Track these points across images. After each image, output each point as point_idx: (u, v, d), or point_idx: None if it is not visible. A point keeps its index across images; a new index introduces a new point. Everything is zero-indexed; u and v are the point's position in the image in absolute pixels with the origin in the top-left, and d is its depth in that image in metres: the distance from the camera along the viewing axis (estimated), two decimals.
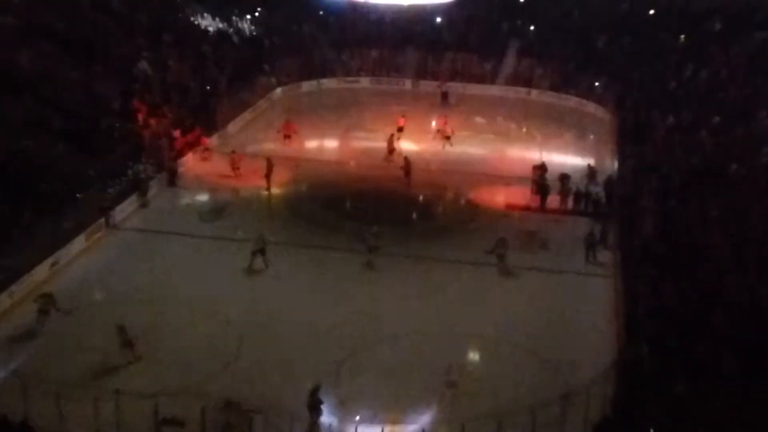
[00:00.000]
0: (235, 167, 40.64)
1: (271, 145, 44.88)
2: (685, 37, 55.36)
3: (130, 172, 37.77)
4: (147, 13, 53.61)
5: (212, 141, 44.56)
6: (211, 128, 45.33)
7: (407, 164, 40.54)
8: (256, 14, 60.63)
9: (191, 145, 42.77)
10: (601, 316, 28.50)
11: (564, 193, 38.66)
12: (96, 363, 24.88)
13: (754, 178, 34.26)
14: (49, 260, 30.65)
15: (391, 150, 43.49)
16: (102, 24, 49.12)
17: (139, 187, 37.36)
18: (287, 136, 44.86)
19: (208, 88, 49.27)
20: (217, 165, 41.80)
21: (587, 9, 60.69)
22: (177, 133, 42.52)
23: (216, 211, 37.41)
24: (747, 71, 47.11)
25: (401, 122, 46.83)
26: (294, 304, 28.66)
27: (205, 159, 42.03)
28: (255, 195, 39.17)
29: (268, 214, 37.89)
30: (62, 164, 35.69)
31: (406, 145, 45.07)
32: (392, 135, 44.53)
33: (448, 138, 45.64)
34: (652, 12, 58.62)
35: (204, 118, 45.52)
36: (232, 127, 47.59)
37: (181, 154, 41.70)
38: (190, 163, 41.76)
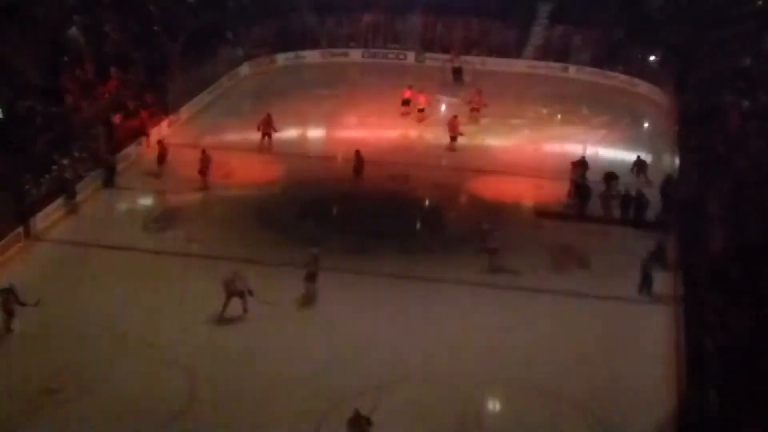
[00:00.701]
0: (203, 169, 40.13)
1: (235, 136, 44.98)
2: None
3: (55, 167, 37.57)
4: None
5: (161, 129, 44.51)
6: (160, 112, 45.43)
7: (358, 159, 40.71)
8: None
9: (135, 134, 42.73)
10: (657, 355, 28.33)
11: (609, 196, 38.59)
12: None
13: None
14: None
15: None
16: None
17: (66, 187, 37.23)
18: (266, 135, 44.30)
19: (156, 61, 49.25)
20: (170, 159, 41.74)
21: None
22: (116, 119, 42.54)
23: (165, 219, 37.32)
24: None
25: (407, 94, 47.20)
26: (262, 339, 28.43)
27: (161, 155, 41.36)
28: (214, 198, 39.19)
29: (230, 223, 37.56)
30: None
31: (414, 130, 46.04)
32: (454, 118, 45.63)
33: (477, 110, 46.60)
34: None
35: (151, 99, 45.56)
36: (187, 112, 47.78)
37: (121, 145, 41.62)
38: (133, 156, 41.73)
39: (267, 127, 43.90)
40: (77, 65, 45.40)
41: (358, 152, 41.06)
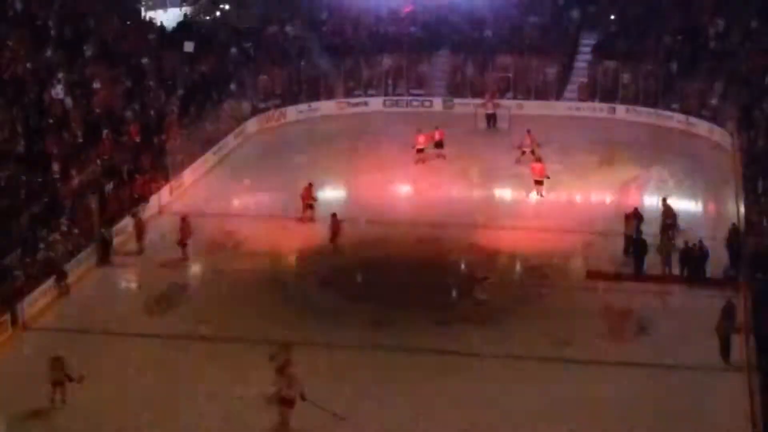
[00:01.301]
0: (183, 240, 40.50)
1: (245, 201, 45.42)
2: None
3: (42, 245, 37.86)
4: (58, 14, 54.06)
5: (162, 196, 44.93)
6: (159, 178, 45.69)
7: (334, 224, 40.90)
8: (218, 12, 61.37)
9: (132, 204, 42.98)
10: (730, 428, 28.18)
11: (667, 251, 38.71)
12: None
13: None
14: None
15: None
16: None
17: (55, 267, 37.44)
18: (308, 206, 44.11)
19: (152, 119, 49.65)
20: (168, 230, 42.08)
21: None
22: (110, 187, 42.86)
23: (168, 299, 37.39)
24: None
25: (420, 140, 47.88)
26: None
27: (139, 238, 41.61)
28: (224, 273, 39.26)
29: (242, 300, 37.64)
30: None
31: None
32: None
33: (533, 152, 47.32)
34: None
35: (149, 163, 45.82)
36: (190, 176, 48.13)
37: (117, 217, 41.87)
38: (130, 229, 41.90)
39: (308, 197, 43.89)
40: (63, 128, 45.68)
41: (333, 216, 41.14)
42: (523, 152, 49.51)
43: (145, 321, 35.66)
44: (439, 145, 49.65)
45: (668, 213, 41.33)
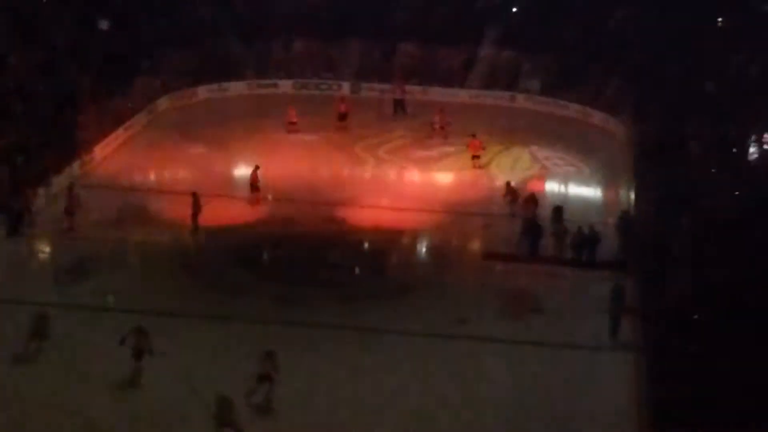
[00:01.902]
0: (69, 210, 40.30)
1: (155, 176, 45.35)
2: (726, 19, 56.31)
3: None
4: None
5: (74, 169, 44.65)
6: (70, 152, 45.36)
7: (196, 201, 40.39)
8: None
9: (42, 177, 42.61)
10: (618, 406, 28.67)
11: (561, 234, 39.32)
12: None
13: None
14: None
15: None
16: None
17: None
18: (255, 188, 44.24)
19: (64, 94, 49.19)
20: (82, 207, 41.82)
21: None
22: (20, 160, 42.55)
23: (79, 270, 37.18)
24: None
25: (343, 108, 48.36)
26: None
27: (70, 208, 40.62)
28: (134, 245, 39.29)
29: (150, 272, 37.65)
30: None
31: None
32: None
33: (442, 128, 48.44)
34: None
35: (60, 137, 45.49)
36: (101, 151, 47.77)
37: (28, 189, 41.35)
38: (41, 201, 41.54)
39: (255, 179, 43.73)
40: None
41: (194, 194, 40.47)
42: (434, 128, 50.52)
43: (53, 291, 35.37)
44: (342, 117, 49.92)
45: (513, 195, 42.38)
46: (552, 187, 45.50)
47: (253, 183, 43.30)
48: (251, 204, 43.27)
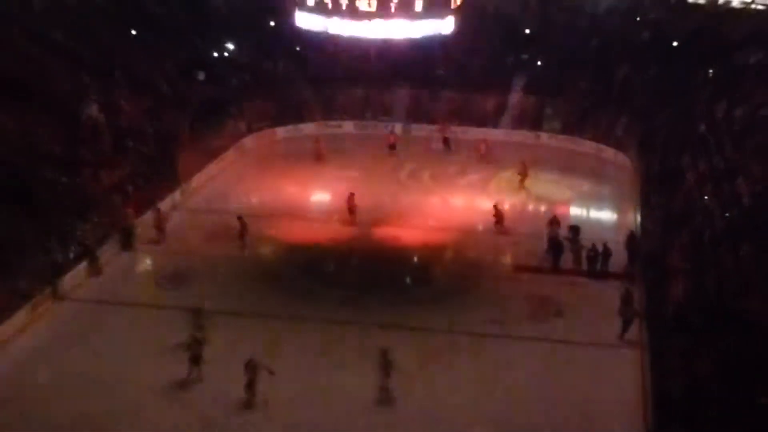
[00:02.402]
0: (159, 225, 41.00)
1: (242, 202, 45.83)
2: (714, 71, 56.11)
3: (79, 233, 37.99)
4: (94, 46, 53.97)
5: (175, 197, 44.99)
6: (172, 182, 45.72)
7: (242, 225, 40.30)
8: (224, 49, 61.35)
9: (149, 203, 42.88)
10: (626, 396, 28.77)
11: (578, 249, 39.16)
12: None
13: None
14: None
15: None
16: (40, 60, 49.46)
17: (89, 251, 37.60)
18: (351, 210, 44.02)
19: (167, 134, 49.51)
20: (179, 224, 42.20)
21: (603, 39, 61.70)
22: (131, 189, 42.97)
23: (177, 278, 37.53)
24: None
25: (392, 139, 47.25)
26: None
27: (159, 230, 41.31)
28: (224, 258, 39.34)
29: (237, 280, 37.85)
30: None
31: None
32: None
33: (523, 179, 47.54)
34: (675, 43, 59.61)
35: (164, 170, 45.92)
36: (197, 181, 48.03)
37: (137, 212, 41.73)
38: (148, 222, 41.81)
39: (352, 204, 43.58)
40: (95, 138, 45.76)
41: (240, 219, 40.34)
42: (480, 153, 51.31)
43: (157, 294, 36.13)
44: (392, 147, 49.34)
45: (498, 215, 42.53)
46: (572, 209, 45.11)
47: (351, 207, 43.09)
48: (347, 225, 43.03)
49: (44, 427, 26.71)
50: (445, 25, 37.36)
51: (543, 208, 45.15)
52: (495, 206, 42.96)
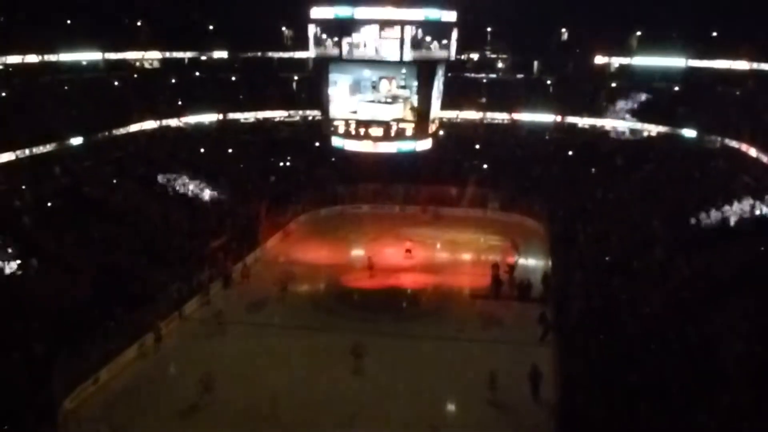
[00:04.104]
0: (245, 273, 40.89)
1: (300, 256, 45.50)
2: (595, 170, 56.42)
3: (195, 278, 38.14)
4: (205, 159, 54.68)
5: (257, 252, 44.97)
6: (255, 244, 45.54)
7: (284, 280, 39.51)
8: (287, 160, 61.92)
9: (240, 257, 42.79)
10: (545, 375, 28.47)
11: (511, 282, 39.05)
12: None
13: (649, 270, 34.85)
14: (138, 343, 31.14)
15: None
16: (173, 169, 50.35)
17: (202, 289, 37.71)
18: (371, 268, 42.35)
19: (251, 214, 49.33)
20: (259, 271, 42.26)
21: (524, 150, 62.12)
22: (231, 248, 43.08)
23: (259, 305, 37.46)
24: (642, 193, 48.19)
25: (408, 245, 46.87)
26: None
27: (245, 276, 41.01)
28: (287, 292, 39.11)
29: (295, 306, 37.68)
30: (144, 273, 36.22)
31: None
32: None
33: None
34: (570, 153, 60.10)
35: (249, 238, 45.74)
36: (270, 243, 47.78)
37: (233, 263, 41.76)
38: (239, 270, 41.73)
39: (371, 261, 42.77)
40: (206, 218, 46.34)
41: (282, 284, 39.15)
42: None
43: (249, 316, 36.05)
44: (408, 251, 47.13)
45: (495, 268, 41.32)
46: (507, 257, 44.87)
47: (370, 266, 42.35)
48: (365, 275, 42.04)
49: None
50: (426, 144, 37.66)
51: (490, 257, 44.84)
52: (496, 265, 40.95)
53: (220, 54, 71.85)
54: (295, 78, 72.76)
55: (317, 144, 60.52)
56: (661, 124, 59.46)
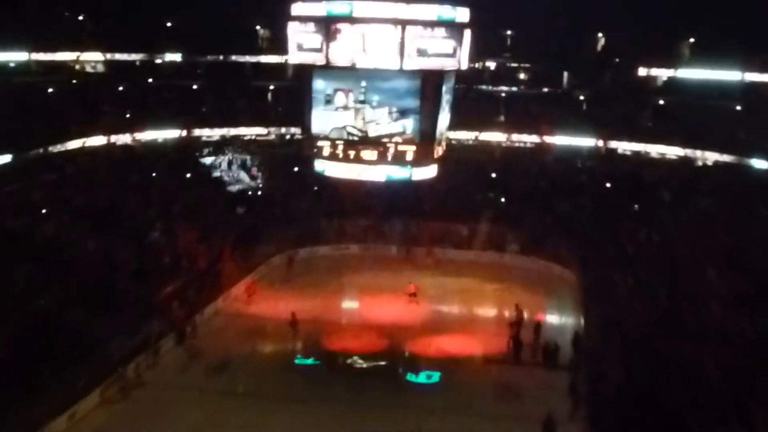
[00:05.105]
0: (250, 293, 43.37)
1: (268, 307, 45.35)
2: (638, 206, 56.70)
3: (143, 330, 37.96)
4: (159, 187, 54.89)
5: (218, 303, 44.89)
6: (216, 292, 45.50)
7: (294, 318, 40.75)
8: (259, 187, 62.07)
9: (196, 310, 42.76)
10: None
11: (537, 346, 38.91)
12: None
13: (704, 331, 34.84)
14: (67, 413, 30.74)
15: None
16: (119, 197, 50.38)
17: (150, 345, 37.48)
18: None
19: (214, 254, 49.43)
20: (220, 326, 42.07)
21: (550, 180, 62.47)
22: (187, 295, 43.06)
23: (220, 368, 37.24)
24: (695, 235, 48.32)
25: (412, 288, 47.12)
26: None
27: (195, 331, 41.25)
28: (253, 352, 39.19)
29: (263, 369, 37.62)
30: (78, 323, 36.05)
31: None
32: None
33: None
34: (608, 184, 60.45)
35: (210, 283, 45.68)
36: (235, 291, 47.70)
37: (190, 315, 41.68)
38: (198, 322, 41.66)
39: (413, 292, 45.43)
40: (158, 257, 46.21)
41: (293, 314, 40.88)
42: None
43: (201, 382, 35.83)
44: (413, 295, 47.45)
45: (519, 314, 42.10)
46: (530, 314, 44.76)
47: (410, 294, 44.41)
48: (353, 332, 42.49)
49: None
50: (429, 171, 37.75)
51: (507, 314, 44.74)
52: (516, 322, 41.67)
53: (180, 57, 71.98)
54: (271, 87, 73.41)
55: (296, 168, 60.93)
56: (720, 151, 59.89)
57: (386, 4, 33.36)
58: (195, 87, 71.14)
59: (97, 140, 59.32)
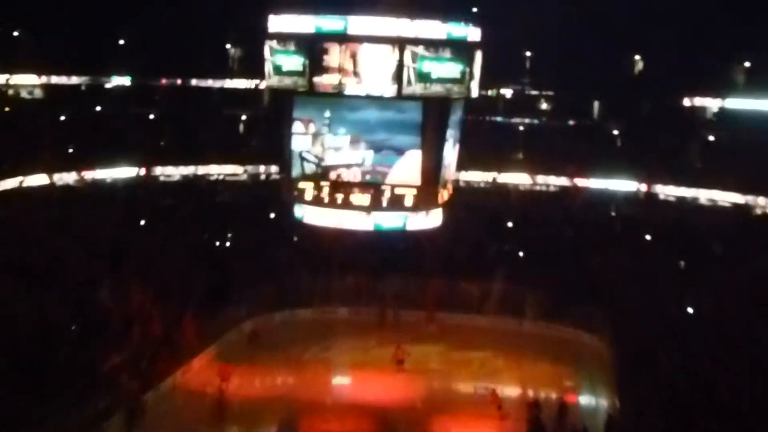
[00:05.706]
0: (224, 377, 43.34)
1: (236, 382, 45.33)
2: (684, 262, 56.81)
3: (85, 409, 37.63)
4: (106, 235, 54.75)
5: (177, 377, 44.78)
6: (175, 364, 45.43)
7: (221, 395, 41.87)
8: (227, 238, 62.04)
9: (151, 381, 42.69)
10: None
11: (562, 430, 38.79)
12: None
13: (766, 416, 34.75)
14: None
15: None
16: (59, 248, 50.23)
17: (94, 426, 37.19)
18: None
19: (173, 318, 49.32)
20: (178, 404, 41.94)
21: (578, 231, 62.59)
22: (139, 366, 42.89)
23: None
24: (754, 299, 48.37)
25: (400, 355, 47.11)
26: None
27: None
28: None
29: None
30: (9, 399, 35.75)
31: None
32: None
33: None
34: (648, 236, 60.59)
35: (167, 352, 45.57)
36: (198, 362, 47.63)
37: (142, 390, 41.53)
38: (152, 401, 41.46)
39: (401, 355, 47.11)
40: (105, 321, 45.80)
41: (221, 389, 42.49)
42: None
43: None
44: (400, 362, 48.44)
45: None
46: (555, 393, 44.69)
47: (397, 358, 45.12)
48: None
49: None
50: (433, 219, 37.75)
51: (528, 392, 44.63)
52: (536, 404, 42.09)
53: (130, 80, 72.04)
54: (243, 118, 73.98)
55: (272, 215, 61.07)
56: None
57: (387, 20, 33.22)
58: (152, 116, 71.48)
59: (37, 179, 59.36)
